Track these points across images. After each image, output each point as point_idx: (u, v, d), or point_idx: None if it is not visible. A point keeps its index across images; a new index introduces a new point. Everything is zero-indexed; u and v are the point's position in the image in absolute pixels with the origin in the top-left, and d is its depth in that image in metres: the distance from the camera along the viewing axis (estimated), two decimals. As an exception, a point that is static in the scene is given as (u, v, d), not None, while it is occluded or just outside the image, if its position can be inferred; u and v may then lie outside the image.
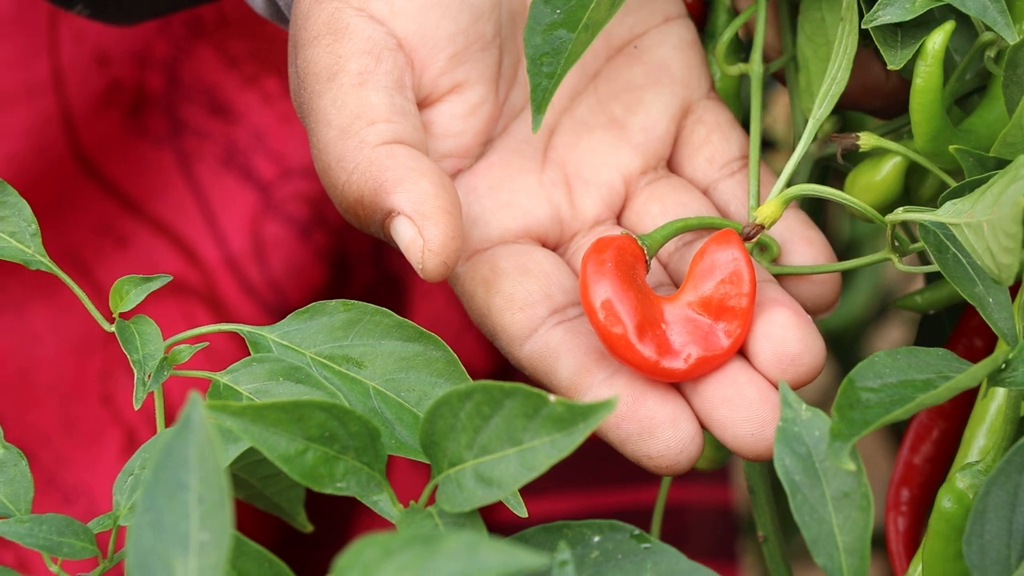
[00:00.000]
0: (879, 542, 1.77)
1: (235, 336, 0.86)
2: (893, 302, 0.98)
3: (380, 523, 1.29)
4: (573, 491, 1.33)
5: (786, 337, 0.84)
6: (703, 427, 0.84)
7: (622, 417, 0.83)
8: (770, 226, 0.86)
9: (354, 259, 1.29)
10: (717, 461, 1.01)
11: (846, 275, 1.84)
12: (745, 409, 0.82)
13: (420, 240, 0.82)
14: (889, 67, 0.85)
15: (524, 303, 0.86)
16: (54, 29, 1.20)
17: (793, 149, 0.89)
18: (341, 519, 1.30)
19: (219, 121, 1.25)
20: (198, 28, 1.23)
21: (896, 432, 1.84)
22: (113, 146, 1.23)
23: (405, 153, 0.84)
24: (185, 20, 1.23)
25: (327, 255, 1.27)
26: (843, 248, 1.82)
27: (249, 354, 0.82)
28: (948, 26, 0.84)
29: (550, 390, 0.86)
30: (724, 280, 0.85)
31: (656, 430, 0.83)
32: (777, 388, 0.83)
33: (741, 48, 0.96)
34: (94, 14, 1.09)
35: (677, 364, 0.83)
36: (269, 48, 1.24)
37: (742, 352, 0.85)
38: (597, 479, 1.33)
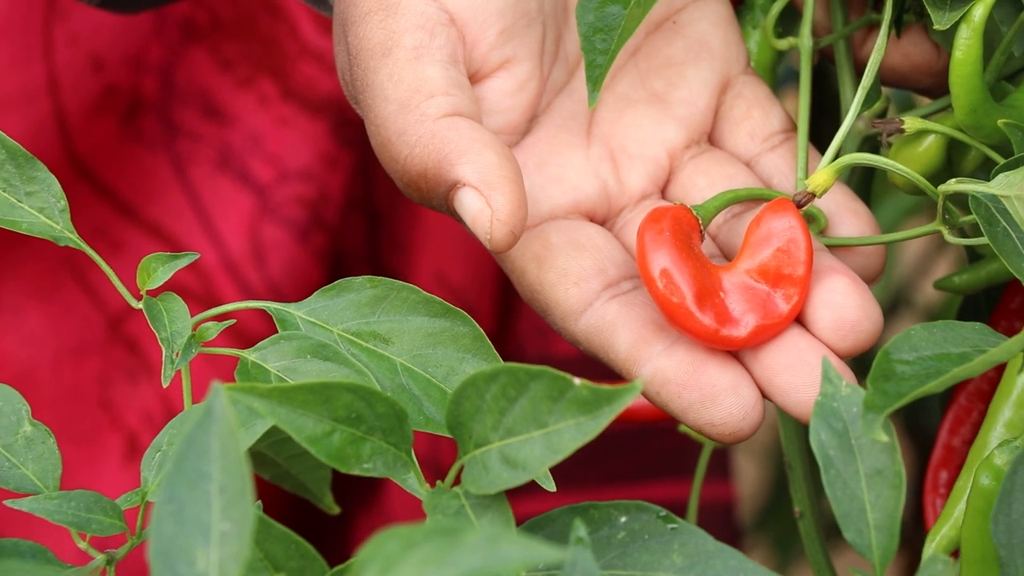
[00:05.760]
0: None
1: (263, 315, 0.86)
2: (934, 284, 0.97)
3: (409, 503, 1.29)
4: (592, 487, 1.32)
5: (845, 304, 0.84)
6: (763, 395, 0.84)
7: (683, 386, 0.83)
8: (821, 194, 0.86)
9: (351, 259, 1.29)
10: None
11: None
12: (807, 375, 0.83)
13: (488, 210, 0.82)
14: (935, 26, 0.84)
15: (578, 277, 0.86)
16: (48, 33, 1.19)
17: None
18: (369, 499, 1.30)
19: (213, 124, 1.24)
20: (192, 31, 1.23)
21: (915, 421, 1.85)
22: (108, 150, 1.22)
23: (466, 125, 0.84)
24: (179, 23, 1.22)
25: (325, 256, 1.27)
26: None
27: (276, 333, 0.82)
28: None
29: (608, 364, 0.86)
30: (781, 248, 0.85)
31: (718, 398, 0.83)
32: (837, 354, 0.83)
33: (781, 23, 0.96)
34: (102, 3, 1.08)
35: (737, 332, 0.83)
36: (263, 50, 1.24)
37: (800, 320, 0.85)
38: (615, 475, 1.33)
